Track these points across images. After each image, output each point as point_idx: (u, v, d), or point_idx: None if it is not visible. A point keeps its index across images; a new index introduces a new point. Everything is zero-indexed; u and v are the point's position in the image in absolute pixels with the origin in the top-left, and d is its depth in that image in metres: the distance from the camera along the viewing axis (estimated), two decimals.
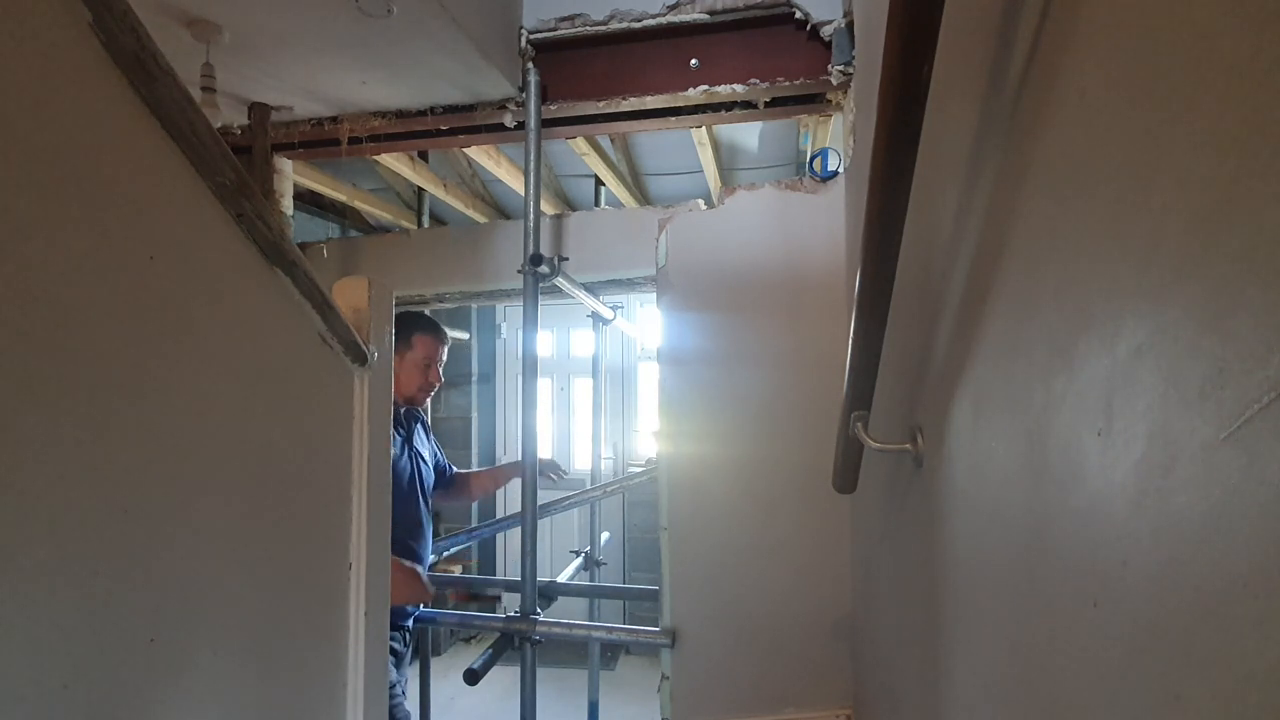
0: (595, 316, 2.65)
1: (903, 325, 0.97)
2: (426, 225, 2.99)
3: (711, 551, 1.76)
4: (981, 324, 0.67)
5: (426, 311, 3.00)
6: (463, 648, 4.21)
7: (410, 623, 1.84)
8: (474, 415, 4.30)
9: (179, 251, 0.68)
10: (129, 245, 0.63)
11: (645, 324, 4.22)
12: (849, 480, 1.18)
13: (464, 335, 4.21)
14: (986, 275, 0.65)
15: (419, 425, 1.98)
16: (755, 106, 1.75)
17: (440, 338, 1.92)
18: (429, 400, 1.96)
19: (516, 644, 1.87)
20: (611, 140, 2.64)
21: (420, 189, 2.89)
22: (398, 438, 1.82)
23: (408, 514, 1.79)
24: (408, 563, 1.66)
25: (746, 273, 1.76)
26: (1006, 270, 0.61)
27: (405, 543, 1.76)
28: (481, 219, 3.03)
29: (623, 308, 4.04)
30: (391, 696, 1.69)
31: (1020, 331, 0.58)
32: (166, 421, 0.67)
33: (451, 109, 1.88)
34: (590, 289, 2.29)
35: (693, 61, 1.76)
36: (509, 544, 4.27)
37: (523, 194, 1.93)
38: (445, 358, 1.97)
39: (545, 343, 4.40)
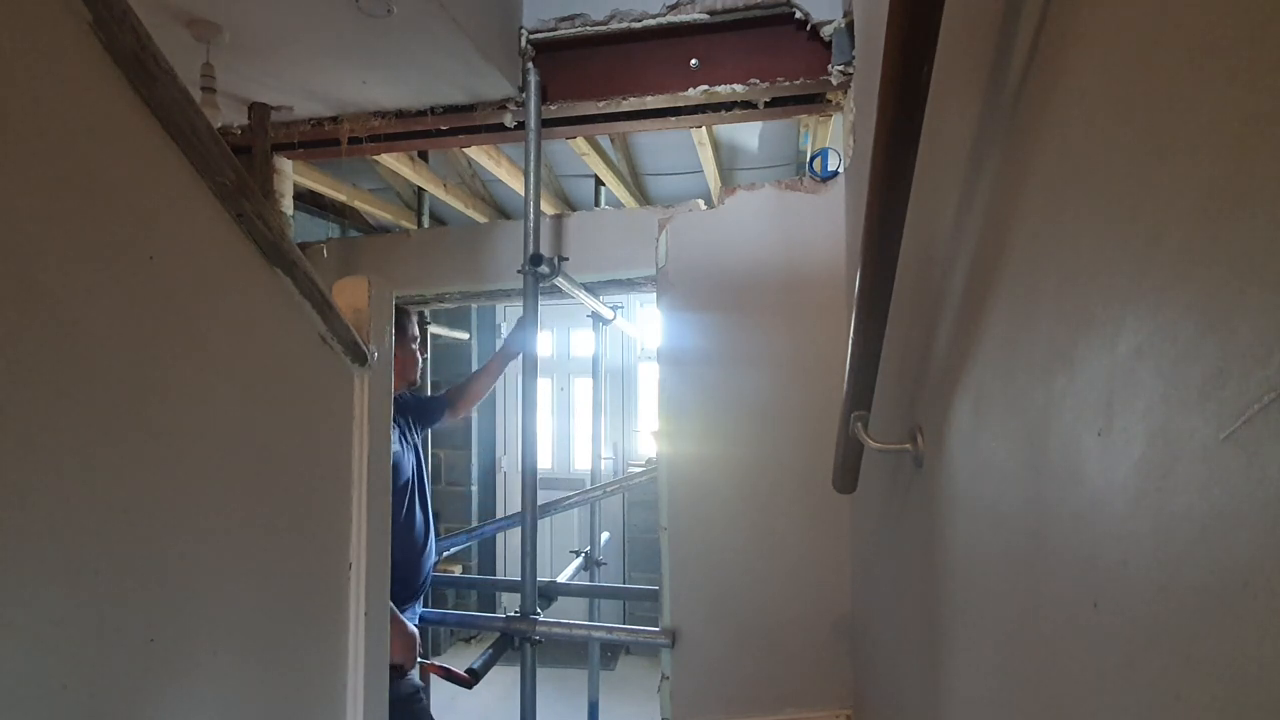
0: (595, 316, 2.66)
1: (903, 325, 0.96)
2: (426, 225, 2.99)
3: (711, 551, 1.76)
4: (981, 324, 0.67)
5: (426, 312, 3.01)
6: (463, 648, 4.21)
7: (415, 623, 1.84)
8: (474, 415, 4.30)
9: (179, 251, 0.68)
10: (129, 245, 0.63)
11: (645, 324, 4.22)
12: (849, 480, 1.18)
13: (464, 335, 4.21)
14: (986, 275, 0.65)
15: (407, 415, 1.96)
16: (755, 106, 1.75)
17: (412, 315, 1.97)
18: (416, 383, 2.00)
19: (516, 644, 1.87)
20: (611, 140, 2.64)
21: (420, 189, 2.88)
22: (395, 431, 1.81)
23: (410, 514, 1.79)
24: (411, 626, 1.67)
25: (746, 273, 1.76)
26: (1006, 270, 0.61)
27: (407, 543, 1.75)
28: (481, 219, 3.03)
29: (623, 308, 4.04)
30: (416, 700, 1.69)
31: (1020, 331, 0.58)
32: (166, 422, 0.67)
33: (451, 109, 1.88)
34: (590, 289, 2.29)
35: (693, 61, 1.76)
36: (509, 544, 4.27)
37: (523, 194, 1.93)
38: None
39: (545, 343, 4.40)
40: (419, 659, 1.72)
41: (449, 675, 1.82)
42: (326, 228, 3.18)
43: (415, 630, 1.67)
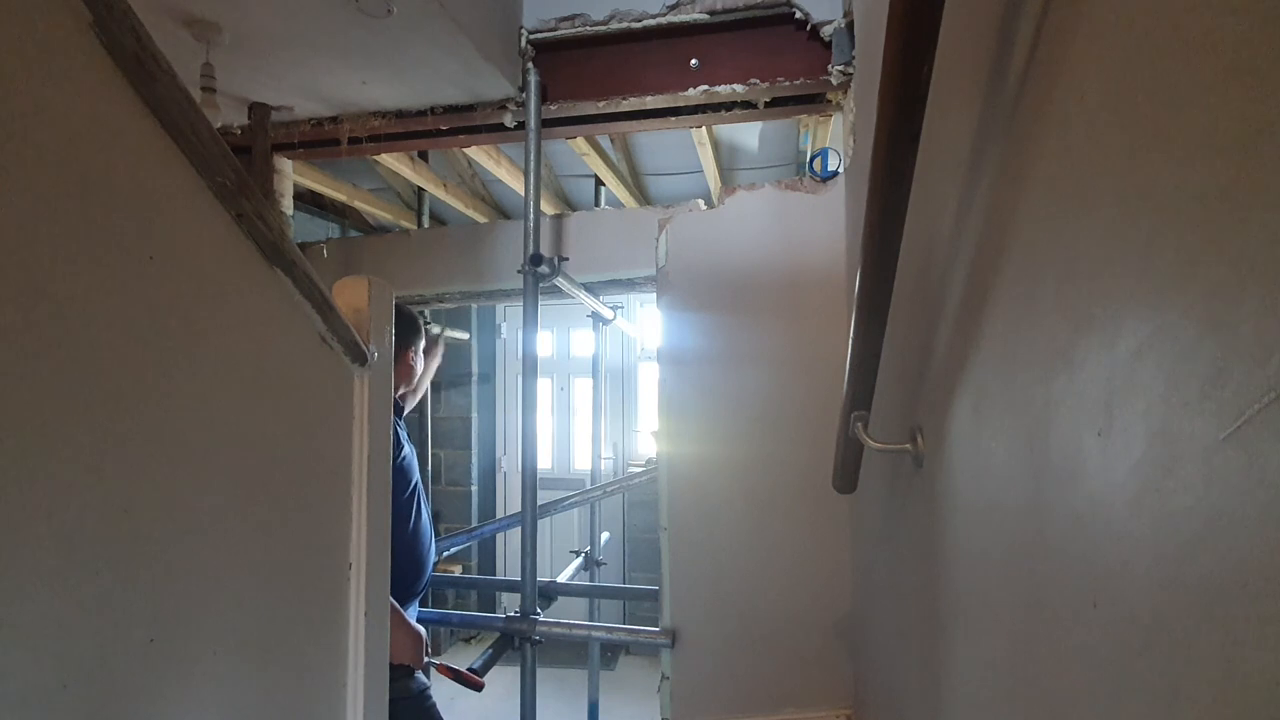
0: (595, 316, 2.66)
1: (903, 325, 0.97)
2: (426, 225, 2.99)
3: (711, 551, 1.76)
4: (981, 324, 0.67)
5: (426, 311, 3.01)
6: (463, 647, 4.21)
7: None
8: (474, 415, 4.30)
9: (179, 252, 0.68)
10: (129, 245, 0.63)
11: (645, 324, 4.22)
12: (849, 480, 1.18)
13: (464, 335, 4.21)
14: (986, 275, 0.65)
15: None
16: (755, 106, 1.75)
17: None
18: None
19: (516, 644, 1.87)
20: (611, 140, 2.64)
21: (420, 189, 2.89)
22: (402, 432, 1.81)
23: (419, 516, 1.78)
24: (418, 626, 1.67)
25: (746, 273, 1.76)
26: (1006, 270, 0.61)
27: (416, 546, 1.74)
28: (481, 219, 3.03)
29: (623, 308, 4.04)
30: (426, 699, 1.69)
31: (1020, 331, 0.58)
32: (167, 421, 0.67)
33: (451, 109, 1.88)
34: (590, 289, 2.29)
35: (693, 61, 1.76)
36: (509, 544, 4.27)
37: (523, 194, 1.93)
38: None
39: (545, 343, 4.40)
40: (430, 659, 1.71)
41: (459, 677, 1.82)
42: (326, 228, 3.18)
43: (422, 629, 1.67)
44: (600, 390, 2.90)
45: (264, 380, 0.82)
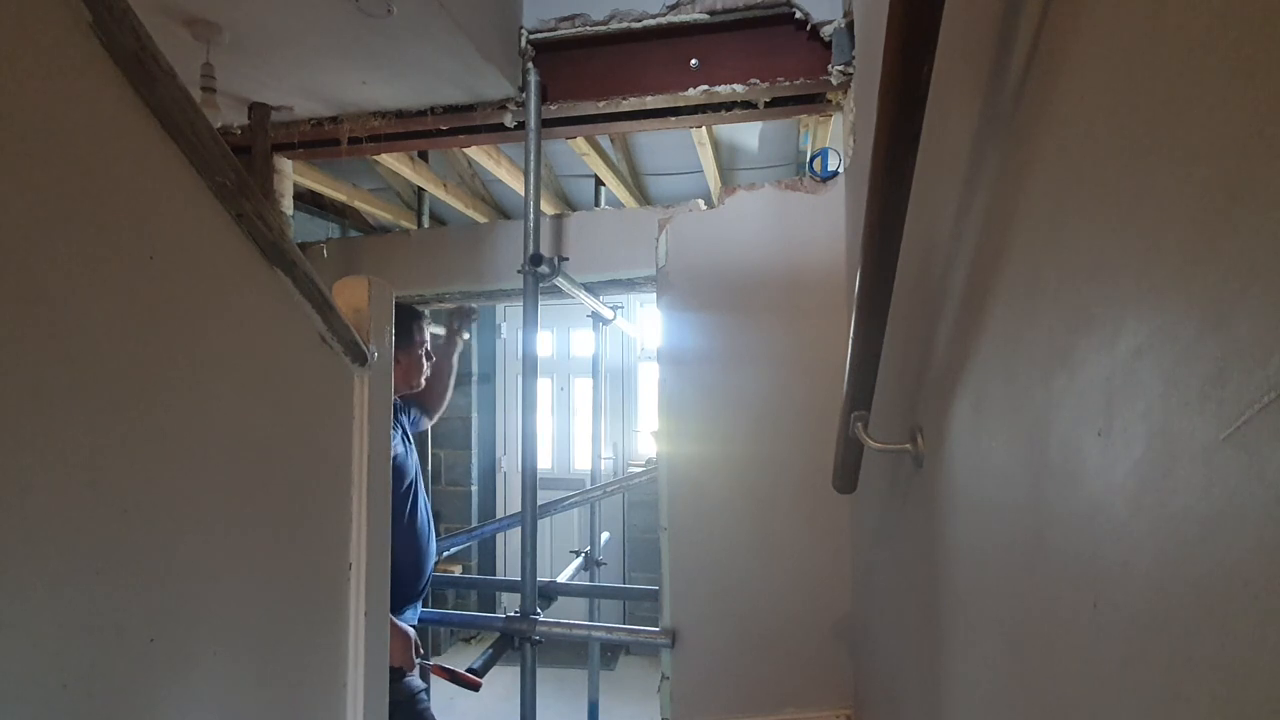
0: (595, 316, 2.66)
1: (903, 325, 0.96)
2: (426, 225, 2.99)
3: (711, 551, 1.76)
4: (981, 324, 0.67)
5: (426, 312, 3.01)
6: (463, 647, 4.21)
7: (416, 624, 1.84)
8: (474, 415, 4.30)
9: (179, 251, 0.68)
10: (129, 245, 0.63)
11: (645, 324, 4.22)
12: (849, 480, 1.18)
13: (464, 335, 4.21)
14: (986, 275, 0.65)
15: (408, 416, 1.96)
16: (755, 106, 1.75)
17: (424, 319, 1.94)
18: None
19: (516, 644, 1.87)
20: (611, 140, 2.64)
21: (420, 189, 2.89)
22: (398, 433, 1.81)
23: (414, 515, 1.78)
24: (406, 627, 1.66)
25: (747, 273, 1.76)
26: (1006, 270, 0.61)
27: (412, 545, 1.74)
28: (481, 219, 3.03)
29: (623, 308, 4.04)
30: (418, 702, 1.69)
31: (1020, 331, 0.58)
32: (166, 421, 0.67)
33: (451, 109, 1.88)
34: (590, 289, 2.29)
35: (693, 61, 1.76)
36: (509, 544, 4.27)
37: (523, 194, 1.93)
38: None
39: (545, 343, 4.39)
40: (424, 662, 1.71)
41: (455, 678, 1.81)
42: (326, 228, 3.18)
43: (411, 630, 1.67)
44: (600, 390, 2.90)
45: (264, 380, 0.82)
